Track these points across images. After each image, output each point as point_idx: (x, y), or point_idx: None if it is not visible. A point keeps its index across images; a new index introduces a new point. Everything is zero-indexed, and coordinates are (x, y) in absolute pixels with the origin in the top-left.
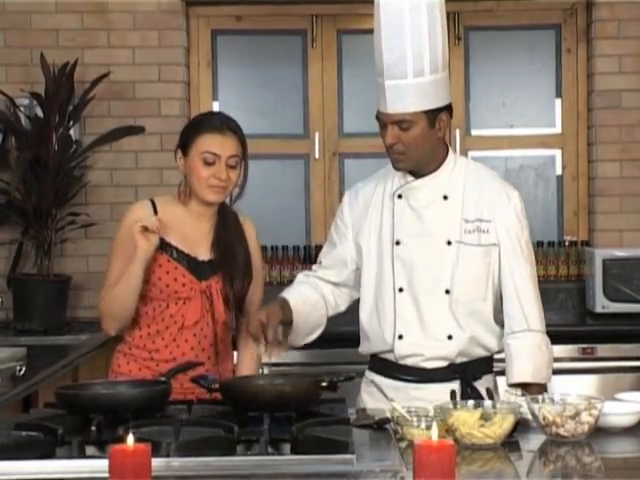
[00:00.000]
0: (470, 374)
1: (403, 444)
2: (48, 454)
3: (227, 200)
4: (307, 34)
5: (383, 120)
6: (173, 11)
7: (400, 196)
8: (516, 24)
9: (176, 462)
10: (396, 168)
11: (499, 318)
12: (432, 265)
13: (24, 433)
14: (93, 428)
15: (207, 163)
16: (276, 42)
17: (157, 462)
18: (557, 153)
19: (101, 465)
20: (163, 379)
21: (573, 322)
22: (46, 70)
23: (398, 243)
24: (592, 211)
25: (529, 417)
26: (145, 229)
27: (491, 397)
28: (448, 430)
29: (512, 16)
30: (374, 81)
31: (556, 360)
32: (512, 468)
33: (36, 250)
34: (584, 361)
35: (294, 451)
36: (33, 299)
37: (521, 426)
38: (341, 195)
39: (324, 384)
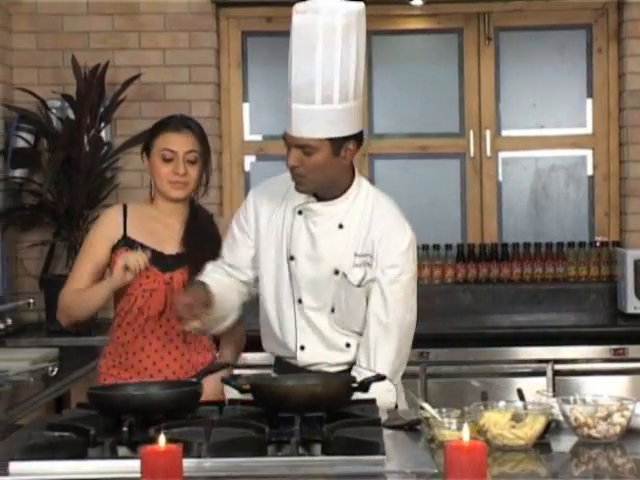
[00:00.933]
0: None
1: (434, 445)
2: (80, 454)
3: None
4: None
5: (287, 142)
6: (203, 12)
7: (300, 212)
8: (546, 24)
9: (207, 463)
10: (297, 190)
11: None
12: (318, 289)
13: (57, 433)
14: (125, 429)
15: (165, 160)
16: None
17: (188, 463)
18: (588, 153)
19: (133, 466)
20: (194, 380)
21: (604, 323)
22: (77, 72)
23: (292, 258)
24: (623, 212)
25: (560, 418)
26: (126, 268)
27: (522, 397)
28: (479, 431)
29: (542, 16)
30: (285, 101)
31: (587, 361)
32: (544, 469)
33: (68, 251)
34: (615, 362)
35: (325, 452)
36: None
37: (552, 427)
38: None
39: (355, 385)
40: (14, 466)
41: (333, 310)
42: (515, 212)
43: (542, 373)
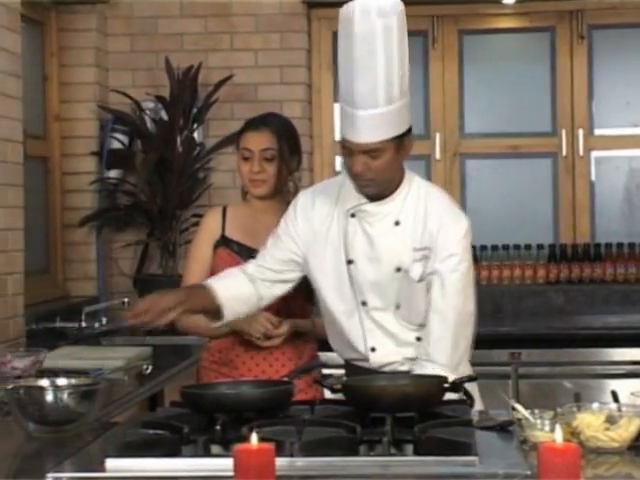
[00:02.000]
0: None
1: (526, 447)
2: (174, 452)
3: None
4: (428, 35)
5: (351, 149)
6: (295, 13)
7: (353, 215)
8: None
9: (299, 462)
10: (362, 193)
11: None
12: (381, 288)
13: (151, 431)
14: (218, 427)
15: (244, 159)
16: None
17: (281, 461)
18: None
19: (226, 464)
20: (286, 379)
21: None
22: (171, 74)
23: (350, 262)
24: None
25: None
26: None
27: (616, 399)
28: (572, 433)
29: (637, 13)
30: (340, 109)
31: None
32: (639, 472)
33: (161, 251)
34: None
35: (416, 452)
36: None
37: None
38: (462, 196)
39: (447, 385)
40: (110, 463)
41: (398, 307)
42: (608, 212)
43: (636, 375)
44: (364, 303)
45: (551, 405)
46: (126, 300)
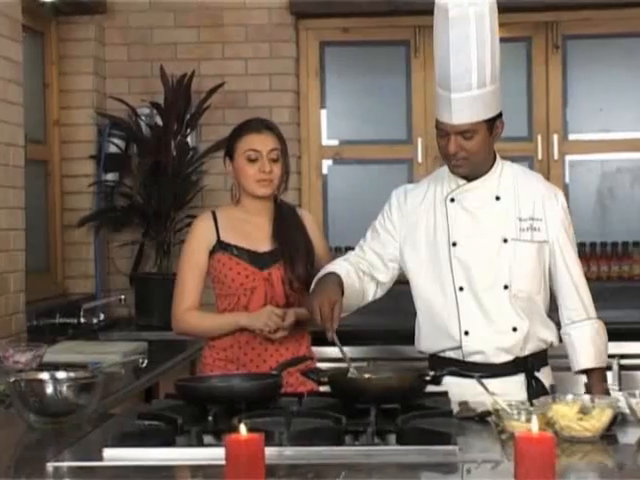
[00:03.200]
0: (532, 367)
1: (504, 436)
2: (169, 442)
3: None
4: (410, 44)
5: (446, 130)
6: (283, 24)
7: (453, 200)
8: (613, 32)
9: (288, 451)
10: (456, 173)
11: (548, 313)
12: (490, 263)
13: (147, 422)
14: (210, 418)
15: (250, 160)
16: (381, 52)
17: (270, 451)
18: None
19: (218, 453)
20: (275, 372)
21: None
22: (165, 81)
23: (455, 244)
24: None
25: (626, 411)
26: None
27: (554, 392)
28: (547, 423)
29: (609, 24)
30: (436, 93)
31: None
32: (611, 460)
33: (156, 250)
34: None
35: (399, 442)
36: (153, 296)
37: (619, 420)
38: None
39: (428, 378)
40: (108, 452)
41: (506, 287)
42: (582, 213)
43: (608, 368)
44: (461, 288)
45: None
46: (122, 297)
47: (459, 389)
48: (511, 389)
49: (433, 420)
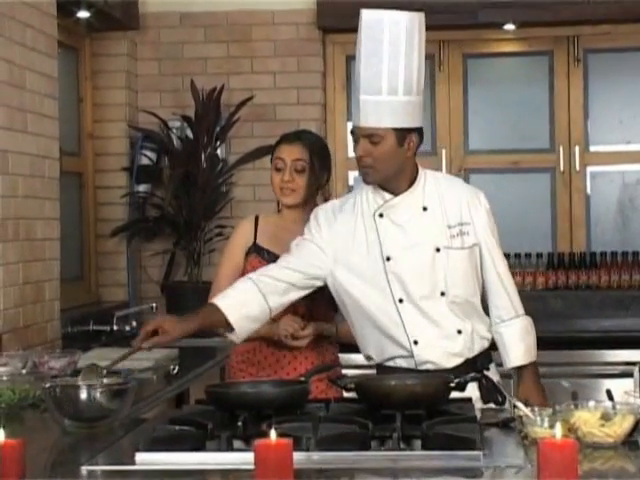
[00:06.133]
0: (481, 366)
1: (527, 442)
2: (199, 447)
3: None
4: (435, 58)
5: (356, 133)
6: (311, 39)
7: (381, 215)
8: (633, 46)
9: (316, 456)
10: (365, 181)
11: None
12: (425, 273)
13: (177, 427)
14: (240, 423)
15: (277, 169)
16: None
17: (298, 455)
18: None
19: (247, 458)
20: (303, 379)
21: None
22: (196, 95)
23: (389, 259)
24: None
25: None
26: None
27: (611, 397)
28: (570, 429)
29: (629, 38)
30: (353, 98)
31: None
32: (632, 466)
33: (187, 259)
34: None
35: (424, 447)
36: (184, 304)
37: None
38: None
39: (453, 384)
40: (140, 456)
41: (443, 293)
42: (603, 223)
43: (629, 375)
44: (401, 300)
45: (550, 403)
46: (154, 305)
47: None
48: (465, 391)
49: (457, 426)
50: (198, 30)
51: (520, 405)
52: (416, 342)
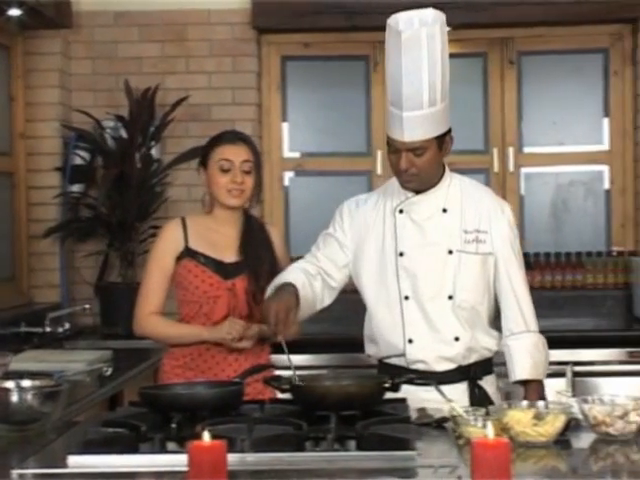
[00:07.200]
0: (475, 375)
1: (461, 442)
2: (133, 449)
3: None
4: (370, 59)
5: (397, 147)
6: (246, 39)
7: (401, 211)
8: (566, 48)
9: (250, 457)
10: (406, 188)
11: (493, 322)
12: (435, 273)
13: (111, 429)
14: (173, 425)
15: (223, 170)
16: (341, 67)
17: (232, 457)
18: (605, 169)
19: (181, 460)
20: (237, 380)
21: (620, 327)
22: (130, 95)
23: (402, 254)
24: (638, 223)
25: (580, 417)
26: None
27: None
28: (503, 428)
29: (562, 41)
30: (388, 111)
31: (604, 363)
32: (564, 465)
33: (121, 260)
34: (631, 364)
35: (359, 448)
36: (118, 305)
37: (572, 425)
38: None
39: (387, 385)
40: (72, 459)
41: (451, 297)
42: (536, 224)
43: (562, 374)
44: (407, 297)
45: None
46: (87, 306)
47: (416, 396)
48: (453, 396)
49: (392, 426)
50: (133, 29)
51: (455, 405)
52: (411, 341)
